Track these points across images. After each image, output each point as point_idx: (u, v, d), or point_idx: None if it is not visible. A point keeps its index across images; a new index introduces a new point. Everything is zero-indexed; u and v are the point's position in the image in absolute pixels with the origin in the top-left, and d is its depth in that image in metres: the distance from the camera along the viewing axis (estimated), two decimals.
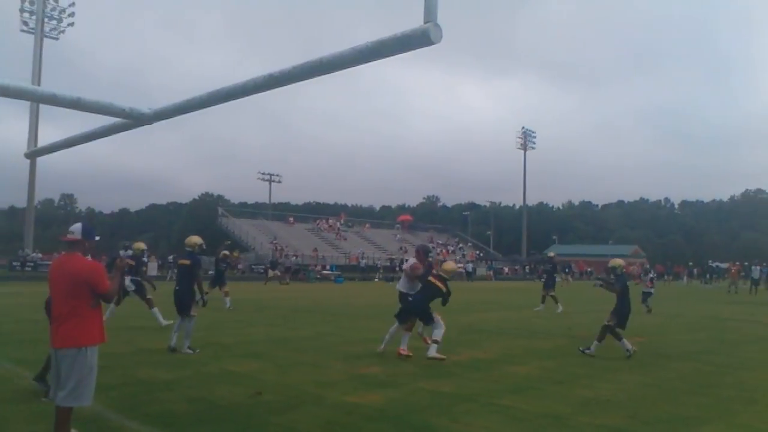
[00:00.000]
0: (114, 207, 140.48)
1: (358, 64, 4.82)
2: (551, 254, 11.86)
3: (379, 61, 4.69)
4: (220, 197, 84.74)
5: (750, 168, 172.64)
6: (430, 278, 10.15)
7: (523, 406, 6.84)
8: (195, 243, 10.47)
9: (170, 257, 41.65)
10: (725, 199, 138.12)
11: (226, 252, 20.23)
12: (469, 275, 52.19)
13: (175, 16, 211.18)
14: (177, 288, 10.25)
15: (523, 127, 77.61)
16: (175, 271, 17.24)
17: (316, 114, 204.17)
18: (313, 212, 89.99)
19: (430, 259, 11.60)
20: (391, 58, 4.65)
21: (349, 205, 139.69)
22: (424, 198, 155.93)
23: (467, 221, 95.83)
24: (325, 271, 47.29)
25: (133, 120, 6.32)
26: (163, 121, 6.59)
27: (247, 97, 5.61)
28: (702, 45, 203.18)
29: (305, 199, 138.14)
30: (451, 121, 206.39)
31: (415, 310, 10.10)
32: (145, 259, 17.19)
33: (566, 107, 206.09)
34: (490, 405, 6.88)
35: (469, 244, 77.28)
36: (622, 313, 10.55)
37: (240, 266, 50.12)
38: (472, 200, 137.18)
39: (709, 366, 9.89)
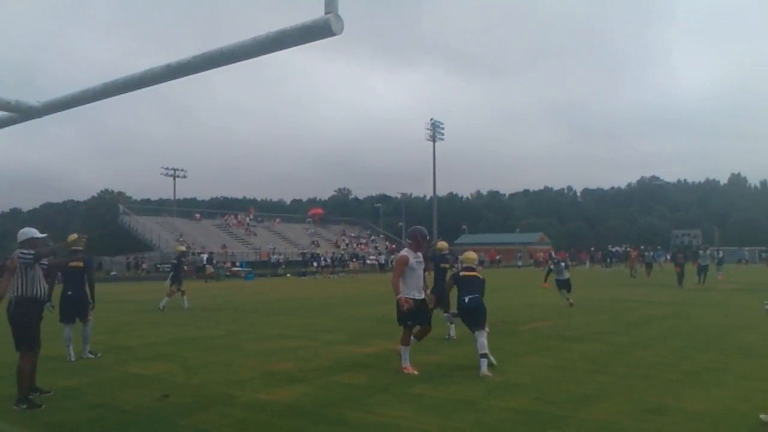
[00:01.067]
0: (4, 206, 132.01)
1: (259, 55, 4.70)
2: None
3: (283, 51, 4.60)
4: (120, 194, 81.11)
5: (645, 156, 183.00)
6: (463, 272, 9.19)
7: (434, 394, 6.95)
8: (77, 240, 9.14)
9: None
10: (623, 186, 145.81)
11: (183, 248, 19.86)
12: (382, 267, 52.64)
13: (68, 3, 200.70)
14: (69, 293, 9.42)
15: (431, 119, 78.56)
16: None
17: (220, 104, 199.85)
18: (220, 208, 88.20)
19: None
20: (296, 48, 4.57)
21: (259, 199, 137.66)
22: (335, 191, 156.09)
23: (379, 213, 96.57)
24: (235, 268, 46.38)
25: (20, 113, 5.91)
26: (58, 114, 6.23)
27: (147, 88, 5.37)
28: (598, 39, 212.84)
29: (212, 195, 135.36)
30: (361, 113, 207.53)
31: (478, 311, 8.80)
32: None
33: (473, 98, 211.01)
34: (403, 394, 6.94)
35: (381, 235, 77.85)
36: (437, 293, 10.52)
37: (144, 266, 48.52)
38: (383, 192, 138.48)
39: (609, 346, 10.37)
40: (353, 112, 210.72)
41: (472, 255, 9.82)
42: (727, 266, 37.48)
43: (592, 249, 63.89)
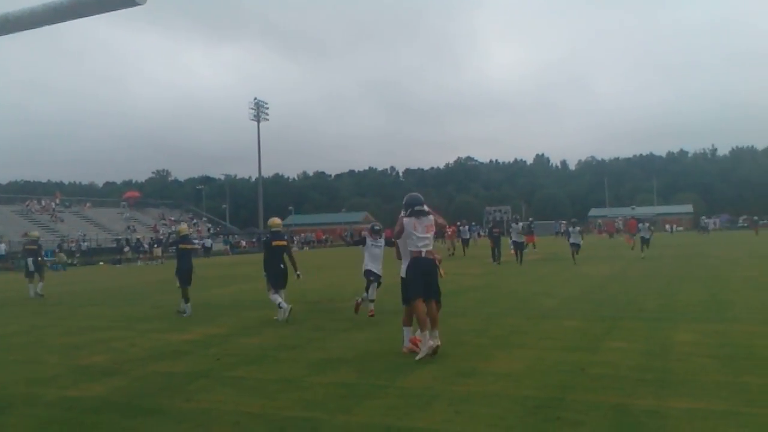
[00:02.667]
0: None
1: (51, 23, 4.31)
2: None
3: (82, 20, 4.24)
4: None
5: (461, 138, 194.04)
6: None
7: (257, 375, 6.89)
8: None
9: None
10: (442, 166, 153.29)
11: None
12: (207, 251, 51.02)
13: None
14: None
15: (255, 98, 77.24)
16: None
17: (14, 79, 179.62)
18: (21, 192, 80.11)
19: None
20: (99, 16, 4.24)
21: (66, 182, 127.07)
22: (153, 172, 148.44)
23: (201, 195, 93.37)
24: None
25: None
26: None
27: None
28: (418, 21, 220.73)
29: (10, 178, 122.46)
30: (178, 90, 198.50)
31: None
32: None
33: (297, 77, 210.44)
34: (224, 378, 6.80)
35: (204, 218, 75.36)
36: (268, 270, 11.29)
37: None
38: (206, 174, 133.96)
39: None
40: (170, 89, 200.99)
41: (277, 220, 11.72)
42: (542, 238, 40.90)
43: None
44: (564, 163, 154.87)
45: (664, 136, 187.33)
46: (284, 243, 11.76)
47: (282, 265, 11.41)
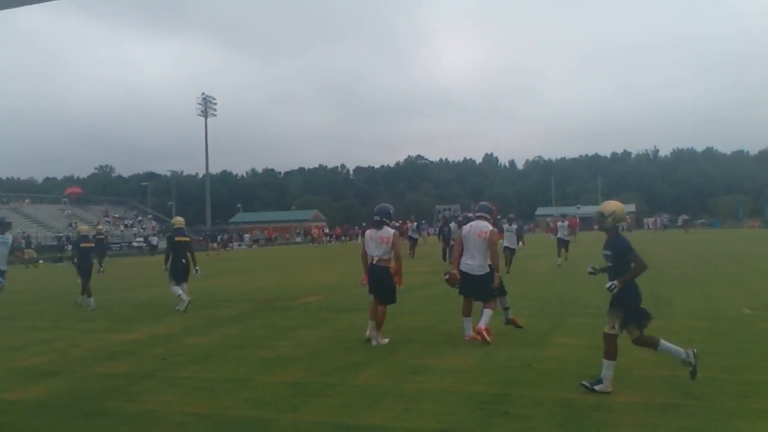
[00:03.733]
0: None
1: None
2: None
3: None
4: None
5: (412, 136, 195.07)
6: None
7: (204, 375, 6.78)
8: None
9: None
10: (392, 164, 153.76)
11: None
12: (152, 249, 49.96)
13: None
14: None
15: (203, 93, 75.94)
16: None
17: None
18: None
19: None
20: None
21: (3, 177, 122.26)
22: (96, 168, 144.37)
23: (147, 192, 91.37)
24: None
25: None
26: None
27: None
28: (369, 18, 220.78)
29: None
30: (121, 83, 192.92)
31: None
32: None
33: (246, 72, 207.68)
34: (169, 379, 6.67)
35: (149, 216, 73.72)
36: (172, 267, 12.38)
37: None
38: (151, 170, 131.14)
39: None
40: (112, 82, 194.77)
41: (180, 219, 12.63)
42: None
43: (364, 224, 66.65)
44: (512, 162, 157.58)
45: (609, 137, 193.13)
46: (186, 239, 12.68)
47: (183, 260, 12.29)
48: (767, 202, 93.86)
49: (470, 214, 15.74)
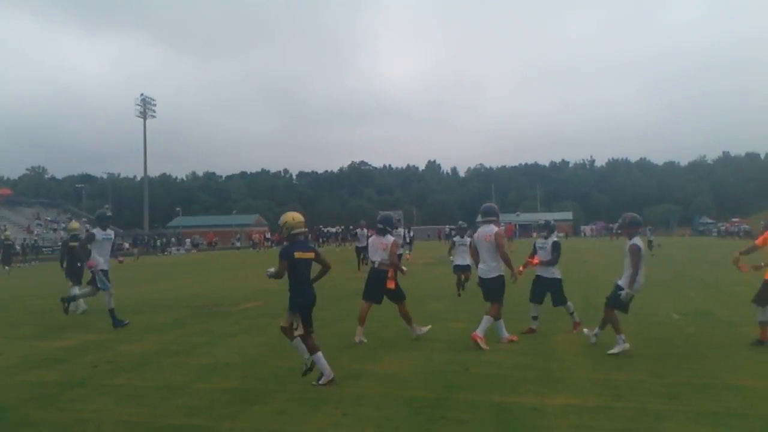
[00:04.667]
0: None
1: None
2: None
3: None
4: None
5: (355, 142, 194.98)
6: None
7: (138, 383, 6.60)
8: None
9: None
10: (336, 170, 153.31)
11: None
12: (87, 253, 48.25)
13: None
14: None
15: (142, 94, 74.25)
16: None
17: None
18: None
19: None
20: None
21: None
22: (27, 169, 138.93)
23: (81, 194, 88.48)
24: None
25: None
26: None
27: None
28: (311, 22, 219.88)
29: None
30: (54, 81, 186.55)
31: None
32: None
33: (186, 73, 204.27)
34: (101, 387, 6.46)
35: (84, 219, 71.34)
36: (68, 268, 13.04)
37: None
38: (86, 171, 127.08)
39: (317, 321, 10.66)
40: (45, 80, 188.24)
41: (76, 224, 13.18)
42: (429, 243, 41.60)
43: (305, 229, 66.08)
44: (454, 169, 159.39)
45: (548, 146, 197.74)
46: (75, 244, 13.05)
47: (79, 264, 12.52)
48: (696, 212, 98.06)
49: (462, 222, 15.78)
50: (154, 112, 75.77)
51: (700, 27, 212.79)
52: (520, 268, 8.98)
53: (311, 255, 6.76)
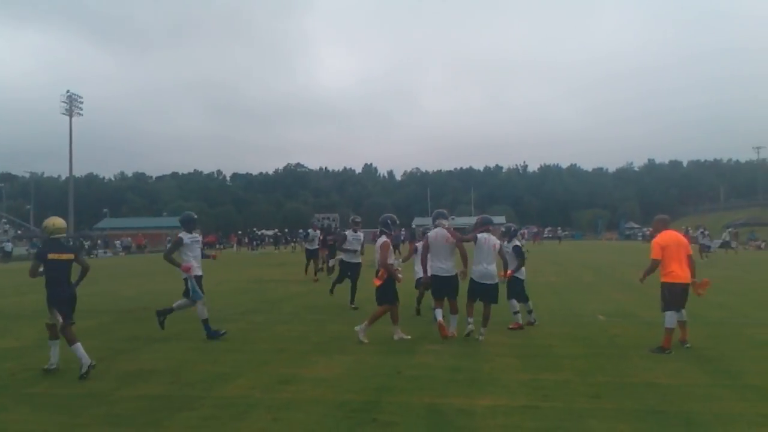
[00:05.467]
0: None
1: None
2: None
3: None
4: None
5: (291, 143, 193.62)
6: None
7: (59, 391, 6.34)
8: None
9: None
10: (271, 172, 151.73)
11: None
12: (7, 256, 46.16)
13: None
14: None
15: (68, 90, 71.43)
16: None
17: None
18: None
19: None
20: None
21: None
22: None
23: (1, 194, 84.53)
24: None
25: None
26: None
27: None
28: (244, 21, 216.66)
29: None
30: None
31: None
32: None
33: (114, 70, 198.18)
34: (20, 395, 6.19)
35: (4, 220, 68.20)
36: None
37: None
38: (6, 170, 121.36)
39: (250, 324, 10.68)
40: None
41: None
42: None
43: (240, 232, 65.21)
44: (391, 173, 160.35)
45: (482, 151, 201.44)
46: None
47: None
48: (623, 217, 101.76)
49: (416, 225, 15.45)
50: (81, 109, 73.08)
51: (626, 31, 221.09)
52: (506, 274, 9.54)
53: (70, 256, 7.29)
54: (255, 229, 66.73)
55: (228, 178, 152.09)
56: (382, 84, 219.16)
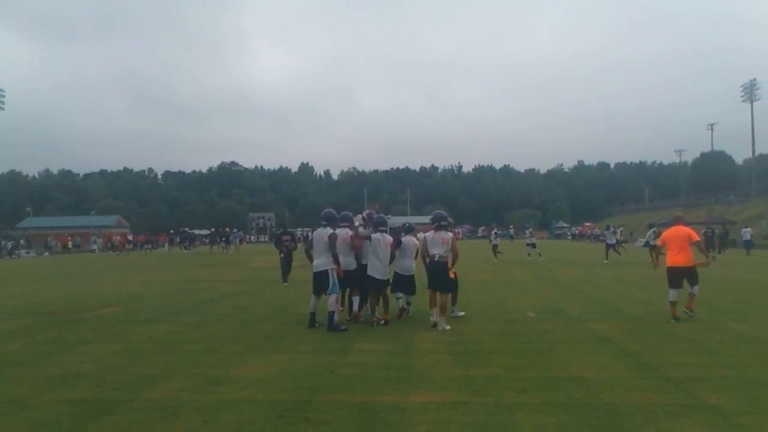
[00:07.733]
0: None
1: None
2: None
3: None
4: None
5: (225, 141, 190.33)
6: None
7: None
8: None
9: None
10: (204, 170, 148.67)
11: None
12: None
13: None
14: None
15: None
16: None
17: None
18: None
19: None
20: None
21: None
22: None
23: None
24: None
25: None
26: None
27: None
28: (178, 10, 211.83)
29: None
30: None
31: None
32: None
33: (38, 62, 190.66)
34: None
35: None
36: None
37: None
38: None
39: (180, 325, 10.46)
40: None
41: None
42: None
43: (172, 231, 63.72)
44: (327, 172, 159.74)
45: (418, 151, 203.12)
46: None
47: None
48: (553, 216, 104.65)
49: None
50: (3, 104, 69.93)
51: (558, 39, 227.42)
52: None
53: None
54: (187, 228, 65.21)
55: (160, 176, 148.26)
56: (320, 82, 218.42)
